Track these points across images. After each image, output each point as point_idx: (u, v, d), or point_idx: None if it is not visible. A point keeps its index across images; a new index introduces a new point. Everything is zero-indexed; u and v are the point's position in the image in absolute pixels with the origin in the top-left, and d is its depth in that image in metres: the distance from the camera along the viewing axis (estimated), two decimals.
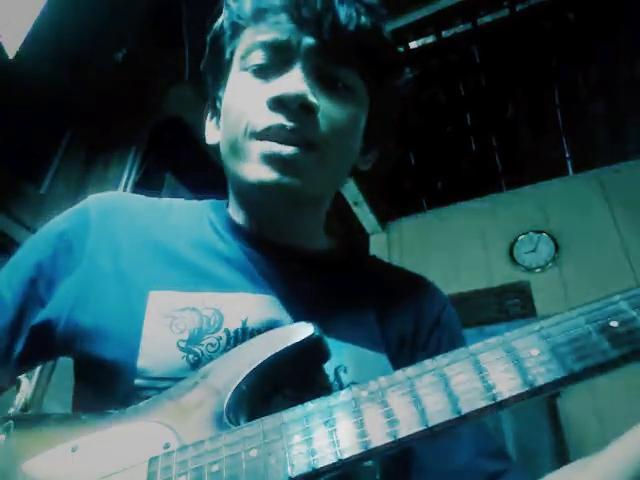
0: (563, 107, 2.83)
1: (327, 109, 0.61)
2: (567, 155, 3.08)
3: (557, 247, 2.86)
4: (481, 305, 2.82)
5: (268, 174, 0.58)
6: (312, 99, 0.59)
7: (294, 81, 0.59)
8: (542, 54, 2.61)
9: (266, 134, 0.59)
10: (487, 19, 2.52)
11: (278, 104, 0.59)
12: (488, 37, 2.56)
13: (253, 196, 0.64)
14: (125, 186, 1.98)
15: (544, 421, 2.24)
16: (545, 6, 2.43)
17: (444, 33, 2.56)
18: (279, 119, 0.59)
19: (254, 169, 0.59)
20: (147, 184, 2.05)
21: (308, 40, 0.61)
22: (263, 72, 0.62)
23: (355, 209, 3.22)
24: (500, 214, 3.12)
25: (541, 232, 2.94)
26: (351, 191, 2.99)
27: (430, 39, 2.58)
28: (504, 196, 3.23)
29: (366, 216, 3.31)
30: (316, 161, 0.60)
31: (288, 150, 0.58)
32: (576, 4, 2.42)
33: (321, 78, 0.62)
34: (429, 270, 0.77)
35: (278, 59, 0.62)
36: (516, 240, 2.97)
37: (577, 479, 0.50)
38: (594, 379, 0.36)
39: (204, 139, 0.74)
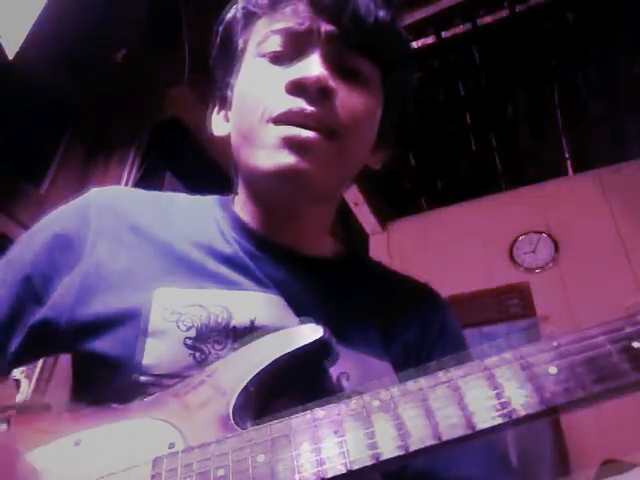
0: (563, 107, 2.83)
1: (346, 97, 0.60)
2: (567, 155, 3.07)
3: (557, 247, 2.86)
4: (481, 305, 2.82)
5: (285, 158, 0.57)
6: (332, 83, 0.58)
7: (313, 66, 0.58)
8: (542, 54, 2.61)
9: (285, 118, 0.57)
10: (487, 19, 2.51)
11: (297, 88, 0.58)
12: (488, 37, 2.55)
13: (266, 186, 0.63)
14: (125, 186, 1.97)
15: (545, 424, 2.23)
16: (545, 6, 2.43)
17: (444, 33, 2.56)
18: (298, 103, 0.57)
19: (270, 155, 0.58)
20: (147, 184, 2.05)
21: (327, 28, 0.60)
22: (280, 58, 0.61)
23: (355, 209, 3.21)
24: (500, 214, 3.12)
25: (541, 232, 2.93)
26: (351, 191, 2.98)
27: (430, 39, 2.58)
28: (504, 196, 3.23)
29: (366, 216, 3.30)
30: (335, 151, 0.59)
31: (308, 134, 0.56)
32: (575, 4, 2.42)
33: (339, 67, 0.61)
34: (429, 270, 0.77)
35: (296, 46, 0.61)
36: (516, 240, 2.97)
37: None
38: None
39: (205, 138, 0.72)
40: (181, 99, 2.07)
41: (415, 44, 2.57)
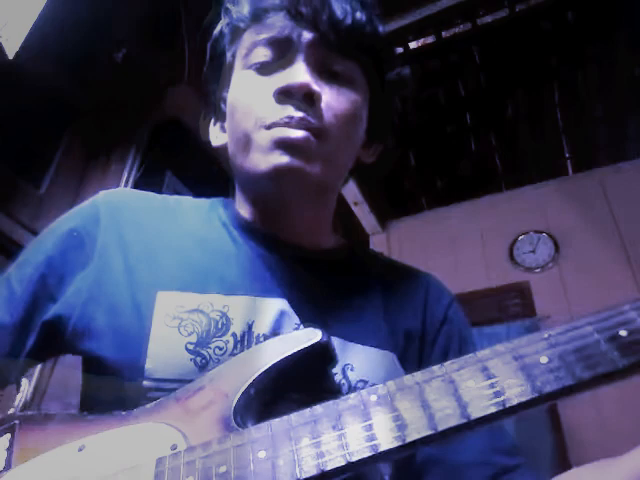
0: (563, 107, 2.84)
1: (330, 99, 0.63)
2: (567, 155, 3.08)
3: (557, 247, 2.87)
4: (481, 305, 2.82)
5: (279, 158, 0.59)
6: (316, 88, 0.61)
7: (298, 73, 0.61)
8: (542, 54, 2.62)
9: (275, 124, 0.60)
10: (487, 19, 2.52)
11: (284, 95, 0.61)
12: (488, 37, 2.56)
13: (263, 188, 0.65)
14: (125, 186, 1.97)
15: (545, 422, 2.24)
16: (544, 6, 2.44)
17: (444, 33, 2.57)
18: (287, 110, 0.60)
19: (265, 157, 0.60)
20: (147, 184, 2.05)
21: (307, 34, 0.63)
22: (266, 69, 0.64)
23: (355, 209, 3.22)
24: (500, 214, 3.12)
25: (541, 232, 2.94)
26: (351, 191, 2.99)
27: (430, 39, 2.58)
28: (504, 196, 3.24)
29: (366, 216, 3.30)
30: (324, 147, 0.61)
31: (298, 134, 0.59)
32: (575, 4, 2.43)
33: (322, 70, 0.64)
34: (429, 270, 0.78)
35: (280, 55, 0.64)
36: (516, 240, 2.98)
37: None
38: (601, 388, 0.36)
39: (204, 139, 0.75)
40: (181, 99, 2.08)
41: (415, 44, 2.58)
